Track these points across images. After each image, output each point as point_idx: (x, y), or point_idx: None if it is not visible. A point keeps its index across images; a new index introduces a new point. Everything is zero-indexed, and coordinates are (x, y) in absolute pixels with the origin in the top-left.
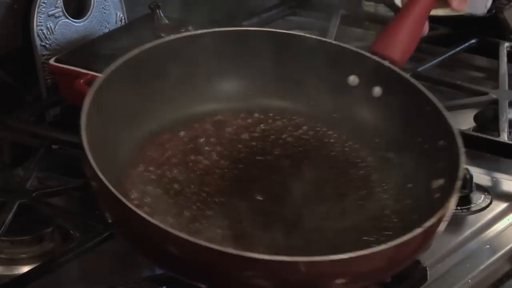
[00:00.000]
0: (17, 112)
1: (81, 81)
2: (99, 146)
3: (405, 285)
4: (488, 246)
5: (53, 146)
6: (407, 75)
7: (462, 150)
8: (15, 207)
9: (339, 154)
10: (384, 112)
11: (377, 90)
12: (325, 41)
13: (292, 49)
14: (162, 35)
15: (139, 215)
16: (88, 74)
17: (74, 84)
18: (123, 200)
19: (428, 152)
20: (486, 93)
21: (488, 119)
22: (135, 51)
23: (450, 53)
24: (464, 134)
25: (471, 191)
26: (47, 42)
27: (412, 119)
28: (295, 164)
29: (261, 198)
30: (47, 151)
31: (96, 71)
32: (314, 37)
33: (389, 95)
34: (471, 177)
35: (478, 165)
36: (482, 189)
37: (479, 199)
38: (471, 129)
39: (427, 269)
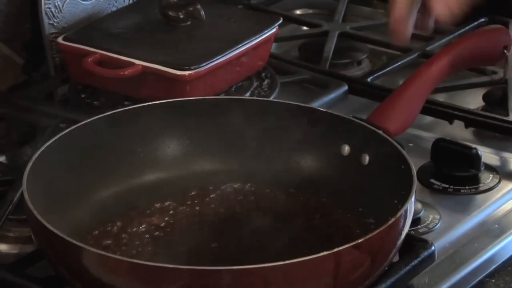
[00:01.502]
0: (25, 91)
1: (89, 59)
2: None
3: (413, 264)
4: (496, 226)
5: (61, 125)
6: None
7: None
8: None
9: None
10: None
11: (365, 158)
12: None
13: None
14: (170, 13)
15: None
16: (96, 52)
17: (82, 63)
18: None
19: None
20: (495, 72)
21: (497, 98)
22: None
23: (459, 31)
24: (472, 114)
25: (479, 170)
26: (55, 20)
27: (393, 182)
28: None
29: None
30: (55, 130)
31: (104, 50)
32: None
33: (376, 162)
34: (480, 156)
35: (486, 144)
36: (490, 168)
37: (488, 179)
38: (479, 109)
39: (435, 248)
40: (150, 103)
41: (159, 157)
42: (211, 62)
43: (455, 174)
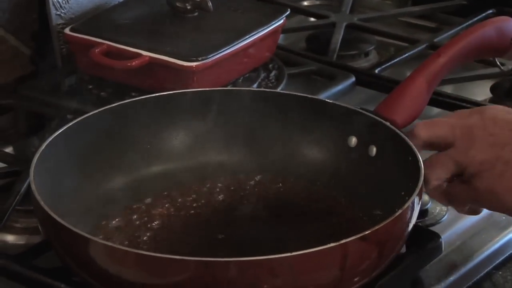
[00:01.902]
0: (32, 82)
1: (96, 50)
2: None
3: (420, 256)
4: (504, 218)
5: (68, 116)
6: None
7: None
8: None
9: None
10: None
11: (372, 149)
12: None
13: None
14: (178, 4)
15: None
16: (103, 43)
17: (89, 54)
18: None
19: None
20: (503, 64)
21: (504, 90)
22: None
23: (467, 23)
24: (480, 105)
25: None
26: (62, 11)
27: (400, 174)
28: (277, 216)
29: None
30: (62, 121)
31: (111, 41)
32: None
33: (384, 154)
34: None
35: None
36: None
37: None
38: (487, 100)
39: (442, 240)
40: (157, 94)
41: (165, 148)
42: (218, 53)
43: None
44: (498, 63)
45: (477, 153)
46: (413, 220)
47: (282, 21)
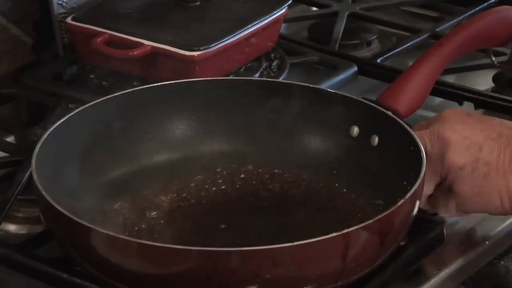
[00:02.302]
0: (34, 71)
1: (98, 39)
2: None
3: (422, 246)
4: None
5: (70, 105)
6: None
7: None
8: None
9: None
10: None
11: (374, 139)
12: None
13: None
14: None
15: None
16: (105, 33)
17: (91, 43)
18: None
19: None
20: (504, 54)
21: (506, 79)
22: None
23: (469, 12)
24: (482, 95)
25: None
26: (64, 0)
27: (402, 164)
28: (279, 206)
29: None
30: (64, 110)
31: (113, 30)
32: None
33: (385, 144)
34: None
35: None
36: None
37: None
38: (489, 90)
39: (444, 230)
40: (159, 83)
41: (168, 138)
42: (220, 43)
43: None
44: (492, 55)
45: (454, 159)
46: (415, 210)
47: (284, 10)
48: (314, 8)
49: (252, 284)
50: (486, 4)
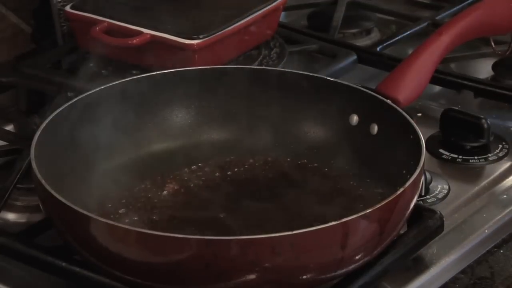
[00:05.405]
0: (33, 59)
1: (97, 28)
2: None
3: (422, 234)
4: (505, 196)
5: (69, 93)
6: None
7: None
8: None
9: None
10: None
11: (374, 127)
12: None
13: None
14: None
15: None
16: (104, 21)
17: (90, 31)
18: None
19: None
20: (504, 43)
21: (506, 68)
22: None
23: (469, 1)
24: (482, 83)
25: (488, 140)
26: None
27: (401, 152)
28: (278, 194)
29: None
30: (63, 98)
31: (112, 18)
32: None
33: (385, 132)
34: (489, 126)
35: (495, 114)
36: (499, 138)
37: (497, 149)
38: (489, 78)
39: (444, 219)
40: (158, 72)
41: (167, 126)
42: (219, 31)
43: (464, 144)
44: (492, 43)
45: None
46: (414, 198)
47: None
48: None
49: (251, 272)
50: None
